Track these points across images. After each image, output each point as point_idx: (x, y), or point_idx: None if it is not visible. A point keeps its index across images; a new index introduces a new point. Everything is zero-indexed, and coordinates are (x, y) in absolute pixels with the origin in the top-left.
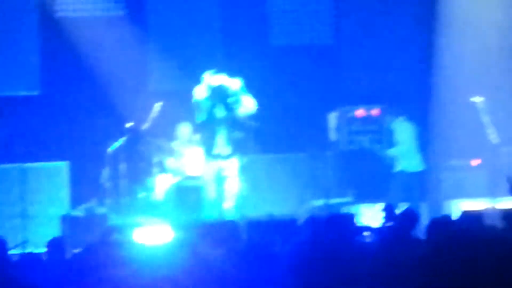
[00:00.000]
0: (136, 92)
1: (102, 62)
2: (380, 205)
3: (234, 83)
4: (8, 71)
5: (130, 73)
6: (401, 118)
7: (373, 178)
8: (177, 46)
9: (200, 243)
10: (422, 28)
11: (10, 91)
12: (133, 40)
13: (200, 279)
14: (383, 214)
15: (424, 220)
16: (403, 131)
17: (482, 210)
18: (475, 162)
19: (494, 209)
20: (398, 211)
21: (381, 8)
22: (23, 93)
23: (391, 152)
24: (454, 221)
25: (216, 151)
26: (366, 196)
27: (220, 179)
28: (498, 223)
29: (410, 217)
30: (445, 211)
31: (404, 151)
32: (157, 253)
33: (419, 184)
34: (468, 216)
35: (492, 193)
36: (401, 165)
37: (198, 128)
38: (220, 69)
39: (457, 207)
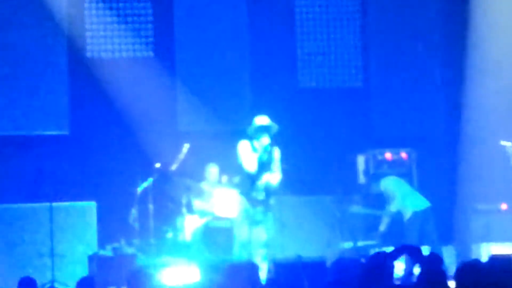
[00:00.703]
0: (165, 132)
1: (131, 103)
2: (407, 248)
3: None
4: (39, 110)
5: (159, 114)
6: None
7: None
8: (206, 87)
9: (227, 284)
10: (451, 72)
11: (41, 130)
12: (162, 81)
13: None
14: (410, 256)
15: (452, 263)
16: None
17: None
18: (504, 206)
19: None
20: (424, 254)
21: (410, 52)
22: (53, 132)
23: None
24: (483, 264)
25: (254, 193)
26: (393, 238)
27: (252, 221)
28: None
29: (436, 260)
30: (473, 255)
31: (402, 203)
32: None
33: (447, 227)
34: (496, 260)
35: None
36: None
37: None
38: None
39: (486, 251)
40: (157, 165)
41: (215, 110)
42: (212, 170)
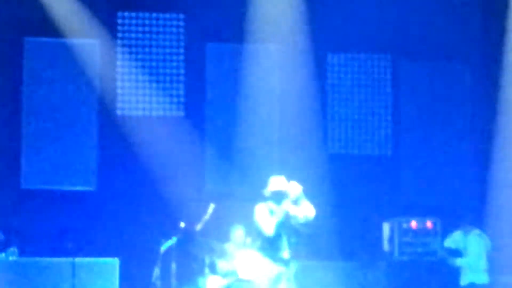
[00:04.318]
0: (191, 192)
1: (159, 161)
2: None
3: (296, 188)
4: (67, 166)
5: (186, 173)
6: (467, 231)
7: None
8: (235, 149)
9: None
10: (478, 141)
11: (68, 185)
12: (191, 140)
13: None
14: None
15: None
16: (470, 243)
17: None
18: None
19: None
20: None
21: (440, 121)
22: (80, 188)
23: (454, 263)
24: None
25: (278, 254)
26: None
27: (276, 283)
28: None
29: None
30: None
31: (471, 263)
32: None
33: None
34: None
35: None
36: (468, 278)
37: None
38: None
39: None
40: (182, 224)
41: (242, 172)
42: (238, 231)
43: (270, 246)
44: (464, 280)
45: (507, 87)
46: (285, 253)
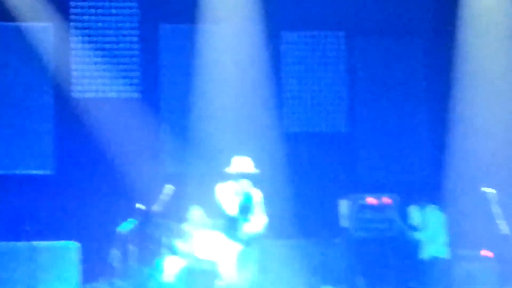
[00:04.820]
0: (148, 173)
1: (116, 143)
2: None
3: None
4: (23, 150)
5: (143, 154)
6: (424, 206)
7: (384, 265)
8: (190, 129)
9: None
10: (436, 119)
11: (24, 169)
12: (146, 123)
13: None
14: None
15: None
16: (428, 217)
17: None
18: (485, 253)
19: None
20: None
21: (395, 97)
22: (37, 172)
23: (413, 237)
24: None
25: (241, 234)
26: (376, 283)
27: (239, 263)
28: None
29: None
30: None
31: (431, 236)
32: None
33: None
34: None
35: (502, 284)
36: (428, 251)
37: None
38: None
39: None
40: (140, 206)
41: (199, 153)
42: (195, 212)
43: (232, 226)
44: (424, 254)
45: (460, 61)
46: (247, 233)
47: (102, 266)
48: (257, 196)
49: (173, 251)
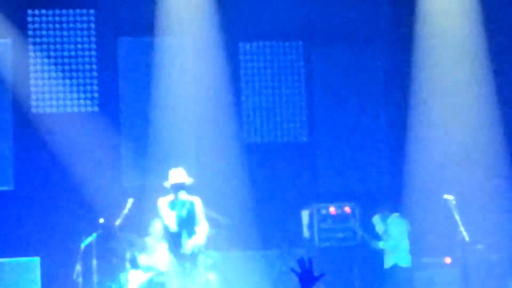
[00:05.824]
0: (109, 187)
1: (76, 158)
2: None
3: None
4: None
5: (103, 169)
6: (386, 215)
7: (347, 274)
8: (150, 143)
9: None
10: (395, 128)
11: None
12: (107, 136)
13: None
14: None
15: None
16: (390, 226)
17: None
18: (448, 260)
19: None
20: None
21: (354, 107)
22: None
23: (376, 246)
24: None
25: (180, 251)
26: None
27: (185, 275)
28: None
29: None
30: None
31: (393, 245)
32: None
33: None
34: None
35: None
36: (391, 260)
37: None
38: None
39: None
40: (101, 220)
41: (159, 166)
42: (157, 225)
43: (173, 242)
44: (387, 263)
45: (418, 67)
46: (187, 249)
47: (64, 282)
48: (198, 204)
49: (135, 265)
